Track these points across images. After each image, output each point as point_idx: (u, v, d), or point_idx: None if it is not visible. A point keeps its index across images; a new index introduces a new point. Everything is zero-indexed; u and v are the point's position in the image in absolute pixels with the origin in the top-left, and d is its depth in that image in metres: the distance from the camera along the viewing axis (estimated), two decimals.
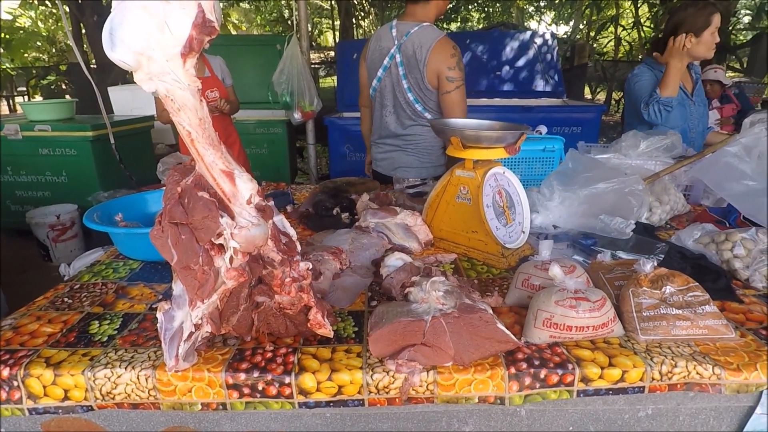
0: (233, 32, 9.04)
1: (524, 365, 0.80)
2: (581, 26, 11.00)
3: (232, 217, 0.68)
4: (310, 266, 0.79)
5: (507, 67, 5.47)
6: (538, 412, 0.84)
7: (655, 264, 1.09)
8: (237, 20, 15.10)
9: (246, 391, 0.79)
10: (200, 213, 0.66)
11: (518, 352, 0.83)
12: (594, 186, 1.26)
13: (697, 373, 0.79)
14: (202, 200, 0.66)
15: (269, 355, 0.83)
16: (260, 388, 0.79)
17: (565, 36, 11.11)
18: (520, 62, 5.48)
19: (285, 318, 0.83)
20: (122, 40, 0.55)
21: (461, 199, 1.25)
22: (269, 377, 0.78)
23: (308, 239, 1.32)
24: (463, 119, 1.42)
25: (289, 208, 1.65)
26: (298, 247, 0.79)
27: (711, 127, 2.31)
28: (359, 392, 0.79)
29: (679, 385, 0.80)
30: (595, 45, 9.39)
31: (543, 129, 1.76)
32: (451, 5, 13.48)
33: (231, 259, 0.70)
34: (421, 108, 1.84)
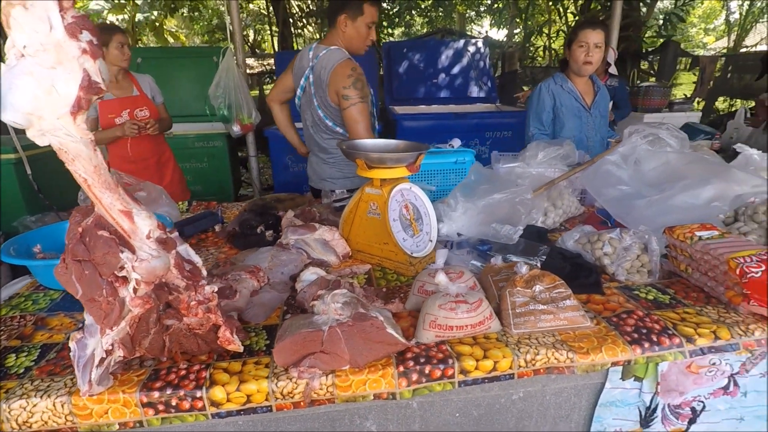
0: (171, 40, 8.79)
1: (411, 363, 0.91)
2: (516, 32, 11.56)
3: (133, 252, 0.76)
4: (216, 289, 0.87)
5: (443, 75, 5.69)
6: (427, 403, 0.97)
7: (538, 265, 1.25)
8: (176, 26, 14.66)
9: (161, 407, 0.86)
10: (101, 250, 0.73)
11: (408, 351, 0.94)
12: (490, 197, 1.42)
13: (555, 358, 0.94)
14: (102, 238, 0.73)
15: (183, 372, 0.90)
16: (174, 403, 0.86)
17: (503, 41, 11.62)
18: (455, 69, 5.73)
19: (196, 337, 0.90)
20: (12, 104, 0.61)
21: (372, 214, 1.36)
22: (182, 393, 0.86)
23: (231, 259, 1.39)
24: (370, 140, 1.53)
25: (217, 227, 1.70)
26: (203, 272, 0.87)
27: (614, 134, 2.56)
28: (267, 399, 0.88)
29: (541, 370, 0.95)
30: (530, 52, 9.89)
31: (456, 142, 1.91)
32: (394, 10, 13.72)
33: (135, 289, 0.77)
34: (331, 123, 1.98)
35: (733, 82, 7.67)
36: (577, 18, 7.06)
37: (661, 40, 6.60)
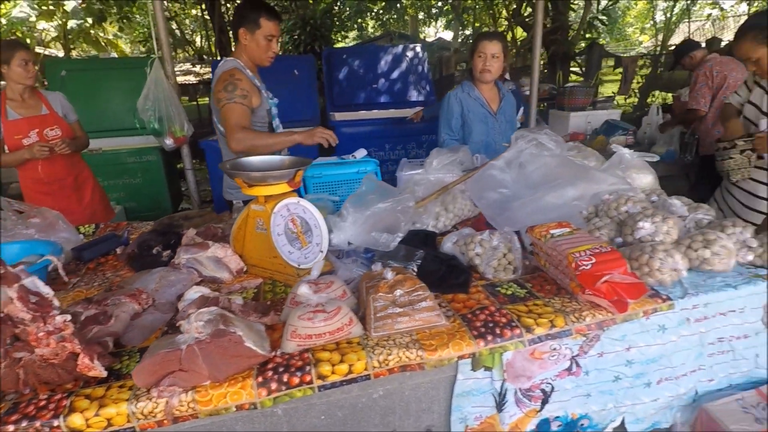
0: (108, 48, 8.50)
1: (271, 373, 0.98)
2: (460, 35, 11.86)
3: None
4: (68, 318, 0.90)
5: (383, 80, 5.79)
6: (291, 409, 1.03)
7: (414, 269, 1.34)
8: (115, 34, 14.14)
9: None
10: None
11: (270, 362, 1.00)
12: (376, 206, 1.50)
13: (407, 357, 1.02)
14: None
15: (42, 402, 0.92)
16: None
17: (442, 43, 11.88)
18: (395, 74, 5.84)
19: (54, 367, 0.93)
20: None
21: (260, 230, 1.41)
22: (38, 424, 0.88)
23: (120, 282, 1.40)
24: (255, 158, 1.52)
25: (119, 249, 1.71)
26: (54, 303, 0.90)
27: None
28: (128, 421, 0.92)
29: (396, 369, 1.03)
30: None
31: (359, 153, 1.98)
32: (345, 14, 13.76)
33: None
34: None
35: (663, 79, 8.20)
36: (508, 23, 7.37)
37: (587, 42, 7.00)
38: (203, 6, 9.26)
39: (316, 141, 1.91)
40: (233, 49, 2.19)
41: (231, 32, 2.05)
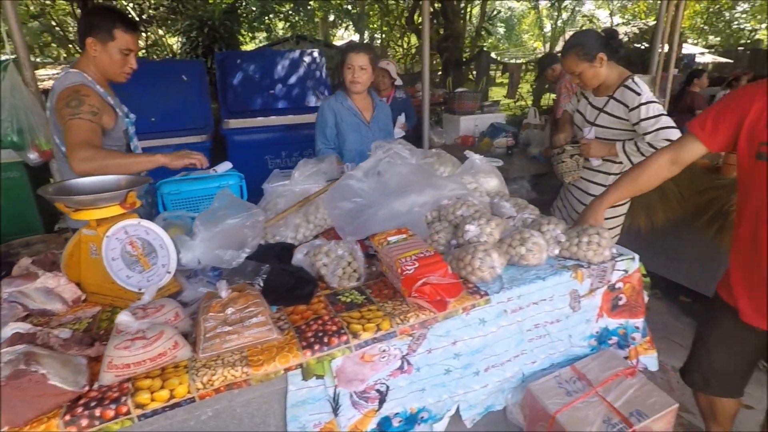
0: None
1: (81, 409, 0.94)
2: (366, 39, 12.06)
3: None
4: None
5: (280, 85, 5.72)
6: None
7: (260, 284, 1.35)
8: None
9: None
10: None
11: (82, 398, 0.96)
12: (225, 222, 1.49)
13: (232, 375, 1.03)
14: None
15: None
16: None
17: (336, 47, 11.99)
18: (293, 80, 5.80)
19: None
20: None
21: (94, 255, 1.34)
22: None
23: None
24: (83, 180, 1.43)
25: None
26: None
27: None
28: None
29: (222, 388, 1.04)
30: None
31: (222, 167, 1.95)
32: (254, 13, 13.30)
33: None
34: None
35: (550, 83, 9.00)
36: (402, 30, 7.67)
37: (477, 49, 7.51)
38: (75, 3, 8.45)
39: (184, 164, 1.81)
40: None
41: (78, 39, 1.80)
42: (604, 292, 1.50)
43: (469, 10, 8.78)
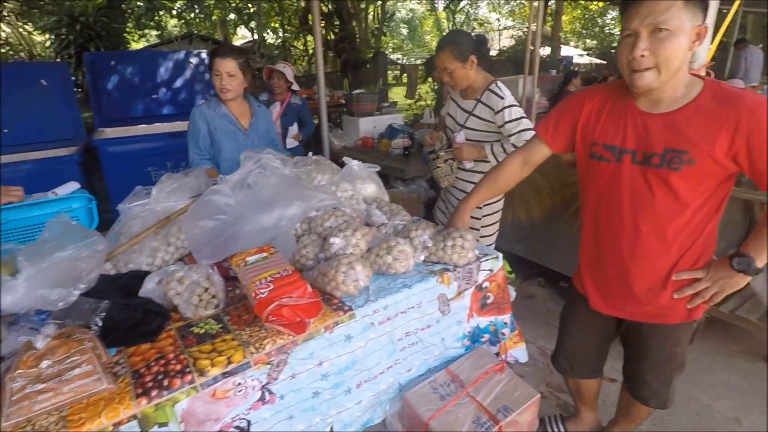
0: None
1: None
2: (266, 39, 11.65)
3: None
4: None
5: (164, 90, 5.29)
6: None
7: (98, 324, 1.18)
8: None
9: None
10: None
11: None
12: (54, 255, 1.29)
13: None
14: None
15: None
16: None
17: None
18: (178, 83, 5.39)
19: None
20: None
21: None
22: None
23: None
24: None
25: None
26: None
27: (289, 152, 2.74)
28: None
29: None
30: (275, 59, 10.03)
31: (65, 188, 1.71)
32: (139, 8, 12.17)
33: None
34: None
35: None
36: (297, 30, 7.52)
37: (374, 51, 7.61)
38: None
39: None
40: None
41: None
42: (473, 293, 1.53)
43: (371, 10, 8.86)
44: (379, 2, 8.77)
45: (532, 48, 4.12)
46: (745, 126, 1.08)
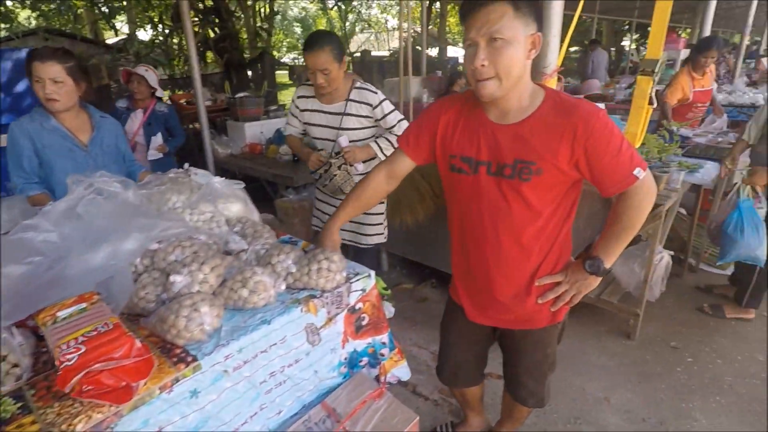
0: None
1: None
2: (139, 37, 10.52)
3: None
4: None
5: None
6: None
7: None
8: None
9: None
10: None
11: None
12: None
13: None
14: None
15: None
16: None
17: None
18: (20, 86, 4.61)
19: None
20: None
21: None
22: None
23: None
24: None
25: None
26: None
27: (142, 168, 2.39)
28: None
29: None
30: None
31: None
32: None
33: None
34: None
35: None
36: (169, 29, 6.89)
37: (257, 52, 7.24)
38: None
39: None
40: None
41: None
42: (345, 316, 1.43)
43: (258, 7, 8.40)
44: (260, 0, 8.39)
45: (404, 47, 4.14)
46: (581, 135, 1.11)
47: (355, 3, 15.48)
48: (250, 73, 7.58)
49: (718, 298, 2.90)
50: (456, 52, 17.54)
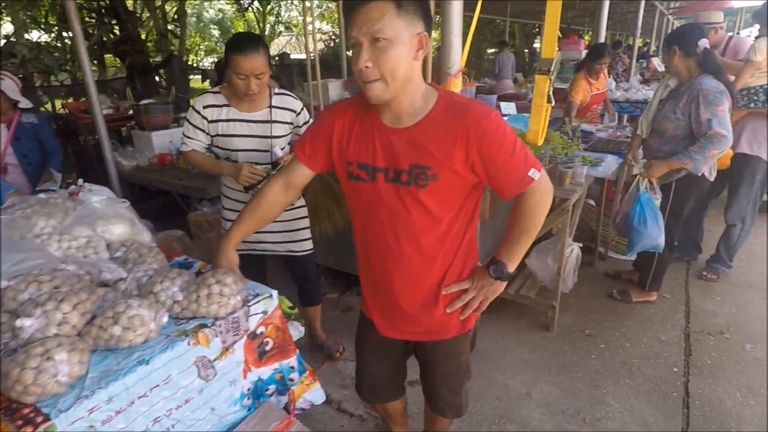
0: None
1: None
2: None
3: None
4: None
5: None
6: None
7: None
8: None
9: None
10: None
11: None
12: None
13: None
14: None
15: None
16: None
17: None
18: None
19: None
20: None
21: None
22: None
23: None
24: None
25: None
26: None
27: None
28: None
29: None
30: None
31: None
32: None
33: None
34: None
35: None
36: (58, 29, 6.23)
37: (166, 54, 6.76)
38: None
39: None
40: None
41: None
42: (246, 343, 1.30)
43: (170, 9, 7.81)
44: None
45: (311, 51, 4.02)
46: (474, 137, 1.07)
47: (273, 5, 15.07)
48: (162, 78, 7.07)
49: (625, 284, 3.09)
50: None
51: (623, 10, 9.48)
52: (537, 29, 16.12)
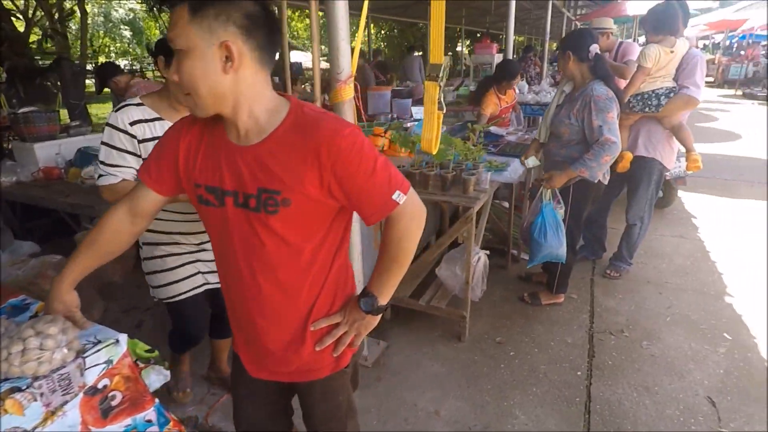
0: None
1: None
2: None
3: None
4: None
5: None
6: None
7: None
8: None
9: None
10: None
11: None
12: None
13: None
14: None
15: None
16: None
17: None
18: None
19: None
20: None
21: None
22: None
23: None
24: None
25: None
26: None
27: None
28: None
29: None
30: None
31: None
32: None
33: None
34: None
35: None
36: None
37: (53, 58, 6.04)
38: None
39: None
40: None
41: None
42: (82, 402, 1.09)
43: (54, 8, 6.99)
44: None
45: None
46: (326, 158, 0.94)
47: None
48: (54, 83, 6.32)
49: (536, 286, 3.13)
50: (299, 56, 17.39)
51: (536, 15, 9.95)
52: (458, 33, 16.59)
